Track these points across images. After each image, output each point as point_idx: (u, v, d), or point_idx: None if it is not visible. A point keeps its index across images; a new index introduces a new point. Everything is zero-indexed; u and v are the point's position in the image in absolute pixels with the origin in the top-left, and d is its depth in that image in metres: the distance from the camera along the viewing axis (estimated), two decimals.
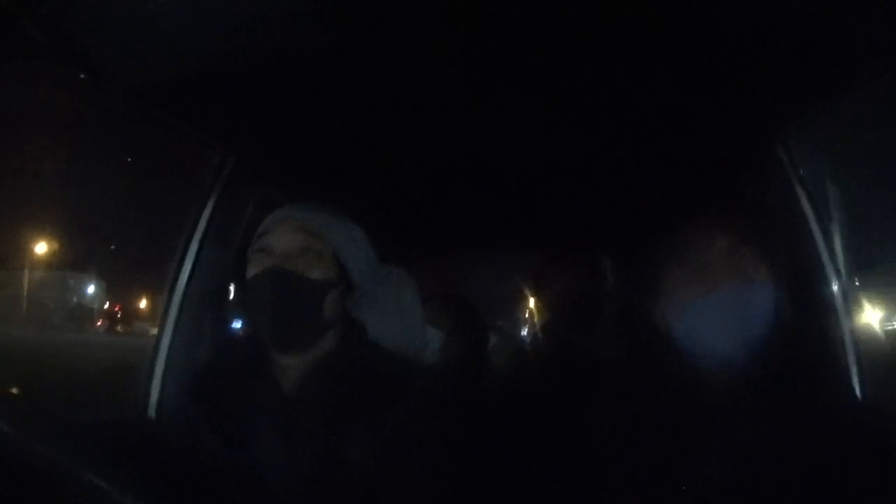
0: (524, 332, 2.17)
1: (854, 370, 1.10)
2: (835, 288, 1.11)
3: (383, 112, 1.21)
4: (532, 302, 1.84)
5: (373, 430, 0.91)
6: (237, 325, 1.30)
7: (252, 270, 0.95)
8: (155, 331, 1.29)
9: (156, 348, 1.25)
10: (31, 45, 0.86)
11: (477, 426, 1.00)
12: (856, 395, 1.06)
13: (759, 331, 0.88)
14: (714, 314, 0.88)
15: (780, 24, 0.88)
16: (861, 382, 1.11)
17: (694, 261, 0.91)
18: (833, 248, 1.12)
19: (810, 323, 1.06)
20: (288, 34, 0.93)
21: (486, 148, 1.37)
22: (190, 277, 1.28)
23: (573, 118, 1.25)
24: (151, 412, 1.21)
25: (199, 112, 1.20)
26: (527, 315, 2.16)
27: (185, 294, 1.27)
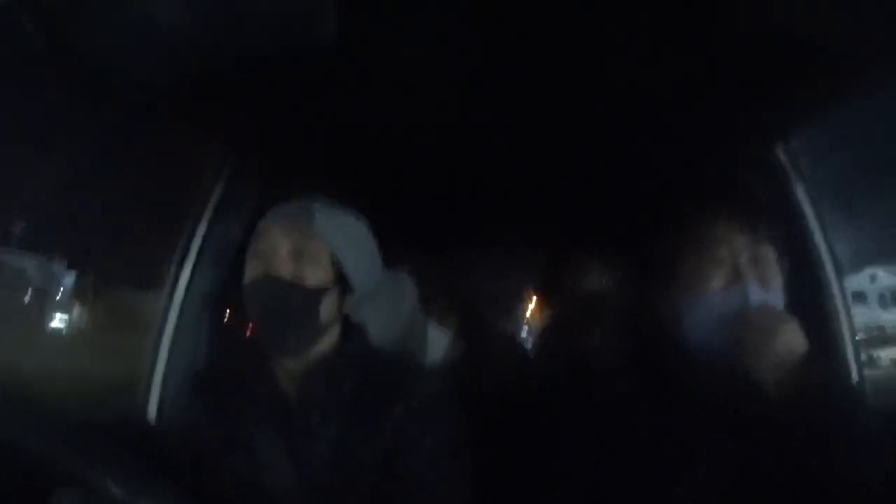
0: (530, 333, 2.16)
1: (857, 370, 1.11)
2: (843, 289, 1.12)
3: (386, 111, 1.20)
4: (538, 302, 1.83)
5: (374, 431, 0.91)
6: (237, 325, 1.29)
7: (247, 275, 0.93)
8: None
9: (156, 349, 1.25)
10: (31, 45, 0.86)
11: (481, 427, 0.99)
12: (859, 396, 1.06)
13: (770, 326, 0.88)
14: (725, 309, 0.88)
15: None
16: (863, 383, 1.11)
17: (708, 255, 0.90)
18: (843, 249, 1.12)
19: (819, 324, 1.06)
20: (289, 33, 0.93)
21: (493, 145, 1.36)
22: (191, 278, 1.27)
23: (582, 115, 1.24)
24: (152, 413, 1.21)
25: (200, 111, 1.20)
26: (533, 315, 2.15)
27: (185, 294, 1.27)
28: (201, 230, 1.29)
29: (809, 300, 1.11)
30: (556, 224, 1.80)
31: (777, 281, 0.90)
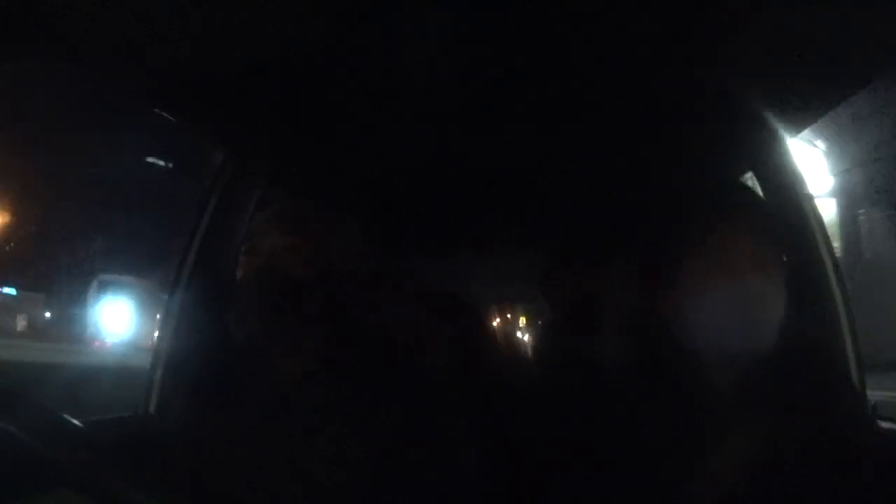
0: (529, 335, 2.16)
1: (858, 372, 1.10)
2: (845, 292, 1.11)
3: (385, 111, 1.20)
4: (538, 304, 1.83)
5: (372, 430, 0.91)
6: (238, 325, 1.29)
7: (241, 272, 0.94)
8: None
9: (157, 348, 1.25)
10: (31, 45, 0.86)
11: (480, 428, 0.99)
12: (860, 398, 1.06)
13: (771, 329, 0.87)
14: (725, 309, 0.87)
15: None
16: (863, 383, 1.10)
17: (711, 257, 0.89)
18: (847, 252, 1.11)
19: (819, 326, 1.06)
20: (289, 34, 0.93)
21: (491, 146, 1.36)
22: (191, 277, 1.27)
23: (583, 115, 1.24)
24: (152, 412, 1.21)
25: (200, 112, 1.20)
26: (532, 317, 2.15)
27: (186, 294, 1.27)
28: (202, 230, 1.29)
29: (811, 302, 1.10)
30: (557, 225, 1.80)
31: (781, 284, 0.89)
